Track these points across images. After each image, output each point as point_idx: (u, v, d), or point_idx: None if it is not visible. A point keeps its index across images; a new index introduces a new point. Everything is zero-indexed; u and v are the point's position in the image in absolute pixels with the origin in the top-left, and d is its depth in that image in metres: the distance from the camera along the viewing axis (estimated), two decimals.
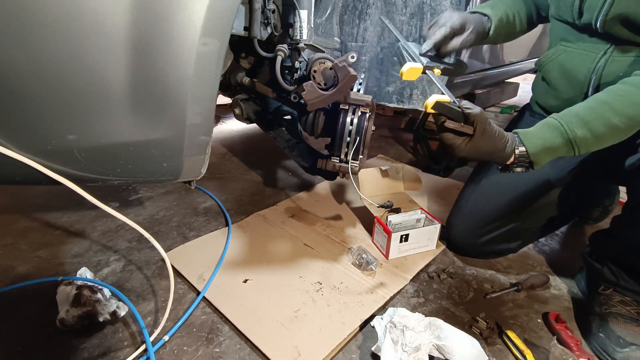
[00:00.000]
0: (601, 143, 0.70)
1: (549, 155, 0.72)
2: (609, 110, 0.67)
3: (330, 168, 0.92)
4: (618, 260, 0.84)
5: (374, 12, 1.31)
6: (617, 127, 0.68)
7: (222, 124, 2.46)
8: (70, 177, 0.56)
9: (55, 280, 0.94)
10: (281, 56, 0.87)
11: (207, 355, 0.77)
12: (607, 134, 0.68)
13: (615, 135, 0.69)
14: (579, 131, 0.69)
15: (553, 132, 0.70)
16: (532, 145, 0.71)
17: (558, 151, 0.71)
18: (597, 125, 0.68)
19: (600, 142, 0.70)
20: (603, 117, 0.68)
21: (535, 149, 0.71)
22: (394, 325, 0.74)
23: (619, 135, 0.70)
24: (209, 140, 0.67)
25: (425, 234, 1.08)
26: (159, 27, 0.53)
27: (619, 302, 0.82)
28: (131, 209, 1.35)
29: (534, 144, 0.71)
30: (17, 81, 0.49)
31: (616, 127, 0.68)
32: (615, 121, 0.67)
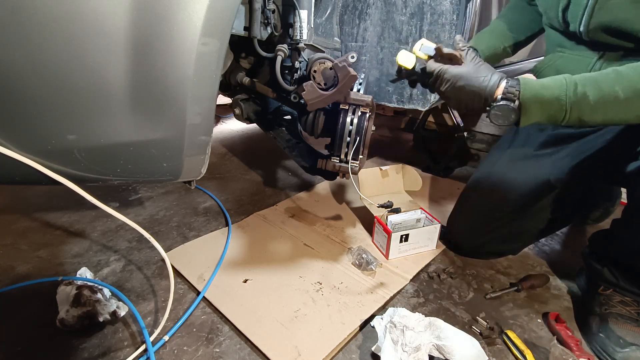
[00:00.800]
0: (596, 110, 0.65)
1: (539, 107, 0.67)
2: (615, 77, 0.64)
3: (330, 168, 0.92)
4: (618, 261, 0.84)
5: (374, 12, 1.31)
6: (618, 96, 0.63)
7: (222, 124, 2.46)
8: (70, 177, 0.56)
9: (55, 280, 0.94)
10: (281, 56, 0.87)
11: (207, 355, 0.77)
12: (606, 100, 0.64)
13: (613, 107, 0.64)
14: (580, 87, 0.65)
15: (554, 82, 0.67)
16: (529, 86, 0.67)
17: (552, 106, 0.67)
18: (602, 88, 0.64)
19: (596, 110, 0.65)
20: (606, 81, 0.64)
21: (530, 90, 0.67)
22: (394, 325, 0.74)
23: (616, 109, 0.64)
24: (209, 140, 0.67)
25: (425, 234, 1.08)
26: (159, 27, 0.53)
27: (619, 302, 0.82)
28: (131, 209, 1.35)
29: (530, 85, 0.67)
30: (17, 81, 0.49)
31: (617, 95, 0.63)
32: (617, 88, 0.63)
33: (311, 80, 0.82)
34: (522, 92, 0.67)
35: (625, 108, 0.64)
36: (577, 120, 0.67)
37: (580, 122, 0.67)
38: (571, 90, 0.65)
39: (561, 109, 0.66)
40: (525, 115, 0.68)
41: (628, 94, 0.62)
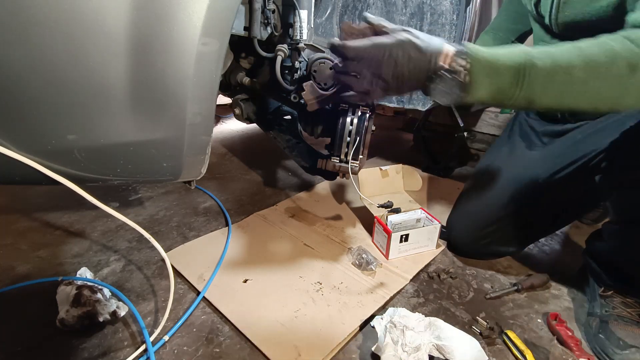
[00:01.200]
0: (548, 86, 0.57)
1: (490, 75, 0.57)
2: (576, 52, 0.57)
3: (330, 168, 0.92)
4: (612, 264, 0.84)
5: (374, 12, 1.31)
6: (573, 71, 0.56)
7: (222, 124, 2.46)
8: (70, 177, 0.56)
9: (55, 280, 0.94)
10: (281, 56, 0.87)
11: (207, 355, 0.77)
12: (560, 74, 0.56)
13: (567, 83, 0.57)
14: (537, 60, 0.57)
15: (508, 52, 0.58)
16: (479, 54, 0.57)
17: (502, 75, 0.57)
18: (557, 58, 0.57)
19: (548, 84, 0.57)
20: (567, 54, 0.57)
21: (481, 59, 0.57)
22: (394, 325, 0.74)
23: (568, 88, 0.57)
24: (209, 140, 0.67)
25: (425, 234, 1.08)
26: (159, 27, 0.53)
27: (620, 303, 0.81)
28: (131, 209, 1.35)
29: (481, 53, 0.57)
30: (17, 81, 0.49)
31: (573, 70, 0.56)
32: (575, 62, 0.56)
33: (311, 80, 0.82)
34: (472, 62, 0.57)
35: (581, 89, 0.57)
36: (525, 99, 0.58)
37: (529, 102, 0.59)
38: (529, 61, 0.57)
39: (513, 83, 0.57)
40: (473, 89, 0.57)
41: (587, 72, 0.56)
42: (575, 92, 0.57)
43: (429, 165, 1.76)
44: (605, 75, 0.56)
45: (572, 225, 1.28)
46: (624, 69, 0.55)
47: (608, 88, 0.56)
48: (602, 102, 0.58)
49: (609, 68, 0.55)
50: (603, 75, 0.56)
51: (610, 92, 0.57)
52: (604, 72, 0.56)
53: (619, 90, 0.56)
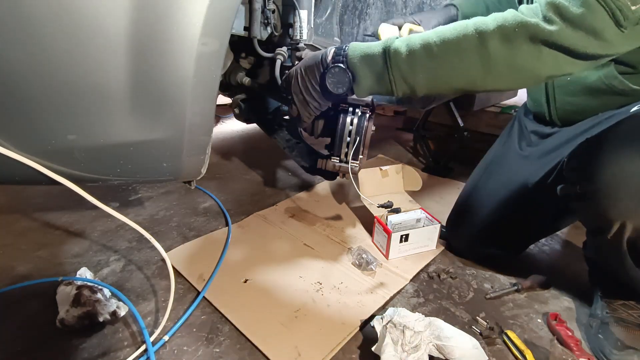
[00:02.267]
0: (413, 65, 0.61)
1: (365, 63, 0.64)
2: (434, 32, 0.61)
3: (330, 168, 0.92)
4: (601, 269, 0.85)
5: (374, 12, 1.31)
6: (430, 48, 0.60)
7: (222, 124, 2.46)
8: (70, 177, 0.56)
9: (55, 280, 0.94)
10: (280, 60, 0.87)
11: (207, 355, 0.77)
12: (419, 52, 0.60)
13: (429, 60, 0.60)
14: (398, 42, 0.62)
15: (380, 42, 0.65)
16: (354, 45, 0.66)
17: (374, 61, 0.64)
18: (416, 41, 0.61)
19: (412, 63, 0.61)
20: (425, 35, 0.61)
21: (354, 47, 0.65)
22: (394, 325, 0.74)
23: (432, 64, 0.61)
24: (209, 140, 0.67)
25: (425, 234, 1.08)
26: (159, 27, 0.52)
27: (621, 305, 0.81)
28: (131, 209, 1.35)
29: (356, 44, 0.66)
30: (17, 81, 0.49)
31: (430, 47, 0.60)
32: (431, 40, 0.60)
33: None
34: (348, 52, 0.65)
35: (443, 65, 0.60)
36: (402, 81, 0.63)
37: (406, 85, 0.64)
38: (389, 44, 0.62)
39: (384, 66, 0.63)
40: (357, 75, 0.66)
41: (441, 47, 0.59)
42: (440, 67, 0.60)
43: (429, 165, 1.76)
44: (456, 48, 0.58)
45: (572, 226, 1.28)
46: (473, 40, 0.57)
47: (467, 61, 0.59)
48: (472, 75, 0.60)
49: (458, 41, 0.58)
50: (455, 48, 0.58)
51: (472, 65, 0.59)
52: (455, 46, 0.58)
53: (479, 62, 0.58)
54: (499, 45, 0.56)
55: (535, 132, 0.99)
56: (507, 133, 1.09)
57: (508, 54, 0.57)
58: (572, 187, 0.73)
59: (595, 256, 0.84)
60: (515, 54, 0.56)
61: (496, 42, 0.56)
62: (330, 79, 0.67)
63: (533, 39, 0.55)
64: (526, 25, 0.55)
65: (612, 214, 0.67)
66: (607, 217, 0.67)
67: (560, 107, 0.89)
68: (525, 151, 1.00)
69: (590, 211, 0.73)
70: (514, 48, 0.56)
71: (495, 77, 0.59)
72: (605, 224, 0.69)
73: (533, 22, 0.54)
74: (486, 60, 0.58)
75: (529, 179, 0.93)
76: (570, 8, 0.53)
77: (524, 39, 0.55)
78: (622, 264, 0.72)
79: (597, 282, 0.87)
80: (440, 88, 0.63)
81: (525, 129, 1.03)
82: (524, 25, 0.55)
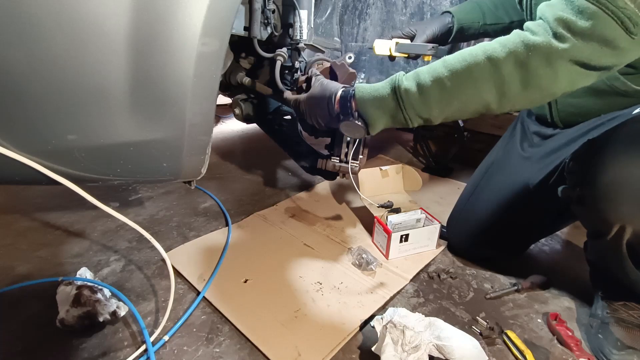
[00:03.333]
0: (427, 102, 0.62)
1: (376, 107, 0.65)
2: (441, 64, 0.61)
3: (330, 168, 0.92)
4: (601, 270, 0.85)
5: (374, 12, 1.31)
6: (442, 82, 0.60)
7: (222, 124, 2.46)
8: (70, 177, 0.56)
9: (55, 280, 0.94)
10: (280, 61, 0.87)
11: (207, 355, 0.77)
12: (432, 88, 0.60)
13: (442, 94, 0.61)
14: (406, 81, 0.62)
15: (386, 82, 0.65)
16: (360, 88, 0.66)
17: (386, 103, 0.64)
18: (425, 77, 0.61)
19: (426, 100, 0.62)
20: (433, 69, 0.61)
21: (361, 91, 0.66)
22: (394, 325, 0.74)
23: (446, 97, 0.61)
24: (209, 140, 0.67)
25: (425, 234, 1.08)
26: (159, 27, 0.53)
27: (621, 306, 0.81)
28: (131, 209, 1.35)
29: (361, 87, 0.67)
30: (17, 81, 0.49)
31: (441, 81, 0.60)
32: (441, 74, 0.60)
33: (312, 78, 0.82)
34: (357, 97, 0.66)
35: (458, 96, 0.60)
36: (417, 116, 0.64)
37: (422, 119, 0.64)
38: (398, 83, 0.63)
39: (397, 106, 0.64)
40: (371, 120, 0.67)
41: (452, 79, 0.59)
42: (455, 99, 0.61)
43: (429, 165, 1.76)
44: (469, 78, 0.59)
45: (572, 226, 1.28)
46: (485, 68, 0.57)
47: (481, 88, 0.59)
48: (488, 100, 0.60)
49: (470, 71, 0.58)
50: (468, 78, 0.59)
51: (486, 91, 0.59)
52: (468, 76, 0.58)
53: (493, 88, 0.58)
54: (513, 70, 0.56)
55: (537, 133, 0.99)
56: (510, 134, 1.09)
57: (523, 77, 0.56)
58: (573, 189, 0.73)
59: (596, 258, 0.84)
60: (530, 76, 0.56)
61: (510, 67, 0.56)
62: (345, 128, 0.69)
63: (547, 59, 0.55)
64: (538, 47, 0.54)
65: (611, 217, 0.66)
66: (606, 220, 0.67)
67: (562, 109, 0.89)
68: (526, 152, 1.00)
69: (589, 214, 0.73)
70: (529, 71, 0.56)
71: (510, 99, 0.60)
72: (604, 227, 0.69)
73: (544, 42, 0.54)
74: (500, 86, 0.58)
75: (531, 180, 0.93)
76: (578, 22, 0.53)
77: (538, 61, 0.55)
78: (622, 266, 0.72)
79: (598, 282, 0.87)
80: (456, 116, 0.64)
81: (528, 130, 1.02)
82: (535, 48, 0.55)
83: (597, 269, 0.87)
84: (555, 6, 0.56)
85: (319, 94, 0.73)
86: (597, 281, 0.87)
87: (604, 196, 0.66)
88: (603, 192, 0.66)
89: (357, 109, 0.67)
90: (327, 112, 0.71)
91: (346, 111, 0.68)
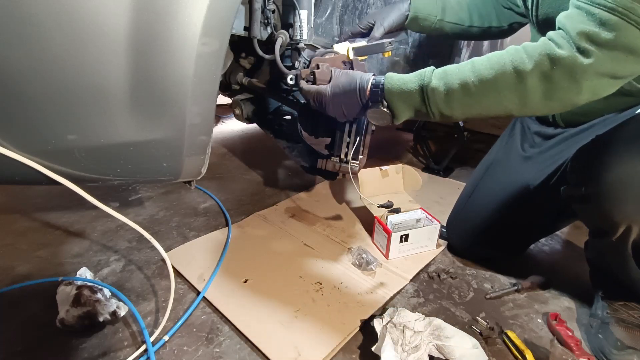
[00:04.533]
0: (451, 103, 0.63)
1: (403, 100, 0.67)
2: (469, 68, 0.62)
3: (330, 168, 0.92)
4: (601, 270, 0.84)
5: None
6: (468, 87, 0.61)
7: (222, 124, 2.46)
8: (70, 177, 0.56)
9: (55, 280, 0.94)
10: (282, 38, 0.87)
11: (207, 355, 0.77)
12: (457, 91, 0.62)
13: (467, 98, 0.62)
14: (435, 80, 0.64)
15: (415, 76, 0.66)
16: (390, 79, 0.68)
17: (412, 98, 0.66)
18: (453, 78, 0.62)
19: (450, 101, 0.63)
20: (461, 72, 0.62)
21: (391, 83, 0.67)
22: (394, 325, 0.74)
23: (470, 101, 0.62)
24: (209, 140, 0.67)
25: (425, 234, 1.08)
26: (159, 27, 0.53)
27: (622, 306, 0.81)
28: (131, 209, 1.35)
29: (391, 79, 0.68)
30: (17, 81, 0.49)
31: (467, 86, 0.61)
32: (468, 79, 0.61)
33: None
34: (385, 89, 0.68)
35: (481, 101, 0.62)
36: (440, 114, 0.66)
37: (444, 116, 0.66)
38: (426, 82, 0.64)
39: (422, 102, 0.65)
40: (396, 112, 0.69)
41: (479, 87, 0.61)
42: (478, 103, 0.62)
43: (429, 165, 1.76)
44: (494, 87, 0.60)
45: (572, 226, 1.28)
46: (511, 79, 0.59)
47: (504, 97, 0.60)
48: (509, 108, 0.62)
49: (496, 80, 0.59)
50: (493, 87, 0.60)
51: (508, 100, 0.60)
52: (493, 84, 0.60)
53: (516, 98, 0.60)
54: (537, 83, 0.57)
55: (539, 133, 0.98)
56: (509, 133, 1.09)
57: (546, 89, 0.58)
58: (576, 189, 0.73)
59: (598, 258, 0.84)
60: (553, 89, 0.57)
61: (535, 80, 0.57)
62: (372, 115, 0.71)
63: (571, 74, 0.55)
64: (563, 61, 0.55)
65: (618, 217, 0.66)
66: (613, 220, 0.67)
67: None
68: (527, 152, 0.99)
69: (594, 213, 0.72)
70: (553, 85, 0.57)
71: (531, 108, 0.61)
72: (610, 226, 0.68)
73: (569, 56, 0.55)
74: (524, 96, 0.59)
75: (531, 180, 0.93)
76: (602, 34, 0.53)
77: (562, 75, 0.56)
78: (625, 266, 0.72)
79: (598, 282, 0.87)
80: (476, 117, 0.66)
81: (528, 129, 1.02)
82: (560, 62, 0.55)
83: (597, 268, 0.87)
84: (575, 18, 0.56)
85: (347, 83, 0.72)
86: (597, 281, 0.87)
87: (610, 195, 0.65)
88: (609, 190, 0.65)
89: (386, 100, 0.69)
90: (357, 100, 0.71)
91: (376, 99, 0.69)
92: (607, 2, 0.52)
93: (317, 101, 0.76)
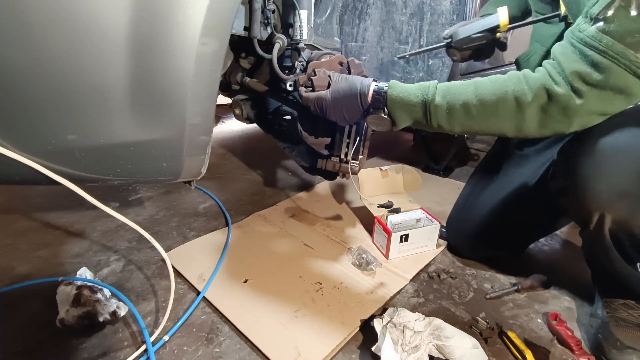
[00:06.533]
0: (451, 120, 0.67)
1: (404, 110, 0.70)
2: (472, 90, 0.65)
3: (330, 168, 0.92)
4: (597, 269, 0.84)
5: (374, 12, 1.31)
6: (469, 109, 0.65)
7: (222, 124, 2.46)
8: (70, 177, 0.56)
9: (55, 280, 0.94)
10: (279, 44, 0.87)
11: (207, 355, 0.77)
12: (459, 111, 0.66)
13: (467, 118, 0.66)
14: (438, 98, 0.67)
15: (418, 89, 0.69)
16: (393, 88, 0.70)
17: (414, 110, 0.69)
18: (456, 98, 0.66)
19: (451, 119, 0.67)
20: (464, 93, 0.65)
21: (394, 93, 0.70)
22: (394, 325, 0.74)
23: (470, 121, 0.66)
24: (209, 140, 0.67)
25: (425, 234, 1.08)
26: (159, 27, 0.53)
27: (621, 305, 0.81)
28: (131, 209, 1.35)
29: (394, 88, 0.70)
30: (17, 81, 0.49)
31: (469, 107, 0.65)
32: (471, 102, 0.65)
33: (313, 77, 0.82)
34: (388, 97, 0.70)
35: (480, 122, 0.66)
36: (438, 127, 0.69)
37: (442, 129, 0.70)
38: (430, 98, 0.67)
39: (424, 116, 0.69)
40: (396, 120, 0.72)
41: (480, 110, 0.65)
42: (477, 124, 0.67)
43: (429, 165, 1.76)
44: (495, 112, 0.64)
45: (572, 225, 1.27)
46: (511, 107, 0.63)
47: (503, 122, 0.65)
48: (504, 131, 0.66)
49: (497, 107, 0.64)
50: (493, 113, 0.64)
51: (506, 125, 0.65)
52: (494, 110, 0.64)
53: (514, 124, 0.64)
54: (535, 114, 0.62)
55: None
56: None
57: (541, 120, 0.62)
58: (559, 181, 0.76)
59: (588, 253, 0.84)
60: (548, 120, 0.62)
61: (533, 111, 0.62)
62: (372, 121, 0.73)
63: (566, 111, 0.60)
64: (559, 99, 0.59)
65: (591, 205, 0.69)
66: (587, 209, 0.70)
67: None
68: (524, 151, 1.00)
69: (572, 204, 0.75)
70: (548, 117, 0.62)
71: (525, 133, 0.66)
72: (586, 215, 0.71)
73: (565, 95, 0.59)
74: (521, 123, 0.64)
75: (529, 178, 0.93)
76: (593, 75, 0.57)
77: (557, 111, 0.61)
78: (608, 257, 0.73)
79: (596, 280, 0.87)
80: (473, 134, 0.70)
81: None
82: (557, 99, 0.59)
83: (590, 264, 0.87)
84: (569, 57, 0.59)
85: (347, 88, 0.74)
86: (596, 279, 0.87)
87: (583, 185, 0.68)
88: (582, 181, 0.68)
89: (387, 108, 0.71)
90: (358, 105, 0.73)
91: (377, 106, 0.71)
92: (599, 45, 0.56)
93: (318, 107, 0.77)
